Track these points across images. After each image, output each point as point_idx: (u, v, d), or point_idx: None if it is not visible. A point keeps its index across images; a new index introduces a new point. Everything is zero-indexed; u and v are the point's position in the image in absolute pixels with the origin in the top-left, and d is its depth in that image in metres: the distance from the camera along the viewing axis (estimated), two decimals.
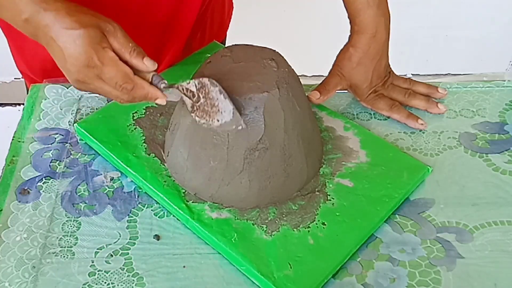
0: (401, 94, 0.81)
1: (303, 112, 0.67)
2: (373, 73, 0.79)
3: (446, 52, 1.94)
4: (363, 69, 0.79)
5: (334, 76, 0.80)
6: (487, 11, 1.83)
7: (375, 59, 0.78)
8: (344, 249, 0.62)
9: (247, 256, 0.61)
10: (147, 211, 0.67)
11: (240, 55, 0.66)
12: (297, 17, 1.80)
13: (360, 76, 0.79)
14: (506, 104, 0.83)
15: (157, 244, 0.64)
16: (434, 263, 0.63)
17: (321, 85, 0.80)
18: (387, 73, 0.82)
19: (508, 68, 1.98)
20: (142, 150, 0.71)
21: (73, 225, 0.66)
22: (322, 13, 1.74)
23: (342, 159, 0.71)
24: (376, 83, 0.80)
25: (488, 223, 0.67)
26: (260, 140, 0.63)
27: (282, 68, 0.65)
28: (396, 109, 0.79)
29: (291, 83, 0.65)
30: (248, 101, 0.61)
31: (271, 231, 0.63)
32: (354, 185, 0.68)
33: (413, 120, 0.78)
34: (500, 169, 0.73)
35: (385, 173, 0.69)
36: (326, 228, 0.64)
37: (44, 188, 0.69)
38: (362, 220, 0.64)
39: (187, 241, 0.65)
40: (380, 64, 0.79)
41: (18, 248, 0.63)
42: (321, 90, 0.79)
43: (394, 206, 0.67)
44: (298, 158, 0.66)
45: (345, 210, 0.65)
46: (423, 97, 0.81)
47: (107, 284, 0.60)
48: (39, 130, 0.76)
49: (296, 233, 0.63)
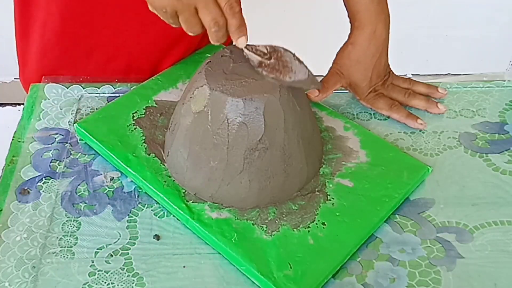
0: (401, 94, 0.81)
1: (303, 112, 0.67)
2: (373, 72, 0.79)
3: (446, 52, 1.94)
4: (362, 67, 0.78)
5: (333, 74, 0.80)
6: (487, 11, 1.83)
7: (375, 57, 0.78)
8: (344, 249, 0.62)
9: (247, 256, 0.61)
10: (147, 211, 0.67)
11: (240, 55, 0.66)
12: (297, 17, 1.80)
13: (360, 74, 0.79)
14: (506, 104, 0.83)
15: (157, 244, 0.64)
16: (434, 263, 0.63)
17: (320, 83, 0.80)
18: (387, 72, 0.81)
19: (508, 68, 1.98)
20: (142, 150, 0.71)
21: (73, 225, 0.66)
22: (322, 13, 1.74)
23: (342, 159, 0.71)
24: (376, 82, 0.80)
25: (488, 223, 0.67)
26: (260, 140, 0.63)
27: None
28: (395, 108, 0.79)
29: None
30: (249, 102, 0.61)
31: (271, 231, 0.63)
32: (354, 185, 0.68)
33: (412, 119, 0.78)
34: (500, 169, 0.73)
35: (385, 173, 0.69)
36: (326, 228, 0.64)
37: (44, 188, 0.69)
38: (362, 220, 0.64)
39: (187, 241, 0.65)
40: (380, 63, 0.79)
41: (18, 248, 0.63)
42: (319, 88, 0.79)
43: (394, 206, 0.67)
44: (298, 158, 0.66)
45: (345, 210, 0.65)
46: (423, 97, 0.81)
47: (107, 284, 0.60)
48: (39, 130, 0.76)
49: (296, 233, 0.63)
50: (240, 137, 0.63)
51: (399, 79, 0.83)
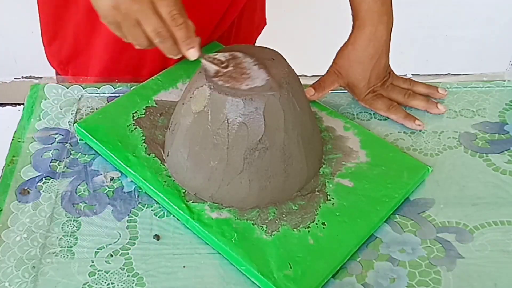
0: (400, 95, 0.80)
1: (303, 112, 0.67)
2: (372, 73, 0.79)
3: (446, 52, 1.94)
4: (361, 68, 0.78)
5: (331, 74, 0.80)
6: (487, 11, 1.83)
7: (374, 58, 0.78)
8: (344, 249, 0.62)
9: (247, 256, 0.61)
10: (147, 211, 0.67)
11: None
12: (297, 17, 1.80)
13: (358, 75, 0.79)
14: (506, 104, 0.83)
15: (157, 244, 0.64)
16: (434, 263, 0.63)
17: (317, 82, 0.80)
18: (387, 73, 0.81)
19: (508, 68, 1.98)
20: (142, 150, 0.71)
21: (73, 225, 0.66)
22: (322, 13, 1.74)
23: (342, 159, 0.71)
24: (375, 83, 0.80)
25: (488, 223, 0.67)
26: (260, 140, 0.63)
27: (282, 68, 0.65)
28: (394, 109, 0.79)
29: (291, 83, 0.65)
30: (249, 101, 0.61)
31: (271, 231, 0.63)
32: (354, 185, 0.68)
33: (410, 120, 0.78)
34: (500, 169, 0.73)
35: (385, 173, 0.69)
36: (326, 228, 0.64)
37: (44, 188, 0.69)
38: (362, 220, 0.64)
39: (187, 241, 0.65)
40: (380, 64, 0.79)
41: (18, 248, 0.63)
42: (316, 87, 0.79)
43: (394, 206, 0.67)
44: (298, 158, 0.66)
45: (345, 210, 0.65)
46: (423, 98, 0.81)
47: (107, 284, 0.60)
48: (39, 130, 0.76)
49: (296, 233, 0.63)
50: (240, 137, 0.63)
51: (399, 80, 0.82)
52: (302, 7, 1.79)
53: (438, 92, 0.82)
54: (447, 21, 1.87)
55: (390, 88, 0.81)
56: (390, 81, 0.81)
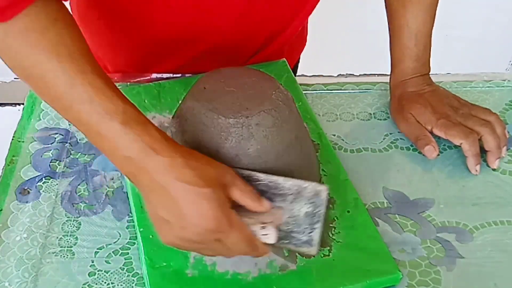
0: (477, 124, 0.73)
1: (299, 136, 0.63)
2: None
3: (446, 52, 1.94)
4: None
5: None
6: (487, 11, 1.83)
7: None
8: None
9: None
10: None
11: (231, 82, 0.61)
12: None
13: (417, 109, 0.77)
14: (506, 104, 0.83)
15: None
16: (434, 263, 0.63)
17: (423, 137, 0.75)
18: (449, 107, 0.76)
19: (508, 68, 1.98)
20: None
21: (73, 225, 0.66)
22: (322, 13, 1.74)
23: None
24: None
25: (488, 223, 0.67)
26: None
27: (277, 88, 0.61)
28: (471, 140, 0.72)
29: (287, 103, 0.61)
30: (243, 119, 0.58)
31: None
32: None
33: (475, 162, 0.72)
34: (500, 169, 0.73)
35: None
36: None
37: (44, 188, 0.69)
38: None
39: None
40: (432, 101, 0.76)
41: (18, 248, 0.63)
42: (430, 141, 0.74)
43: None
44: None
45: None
46: (497, 140, 0.73)
47: (107, 284, 0.60)
48: (39, 130, 0.76)
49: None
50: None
51: (478, 109, 0.76)
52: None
53: (502, 153, 0.74)
54: (447, 21, 1.86)
55: (466, 116, 0.75)
56: (466, 110, 0.76)
